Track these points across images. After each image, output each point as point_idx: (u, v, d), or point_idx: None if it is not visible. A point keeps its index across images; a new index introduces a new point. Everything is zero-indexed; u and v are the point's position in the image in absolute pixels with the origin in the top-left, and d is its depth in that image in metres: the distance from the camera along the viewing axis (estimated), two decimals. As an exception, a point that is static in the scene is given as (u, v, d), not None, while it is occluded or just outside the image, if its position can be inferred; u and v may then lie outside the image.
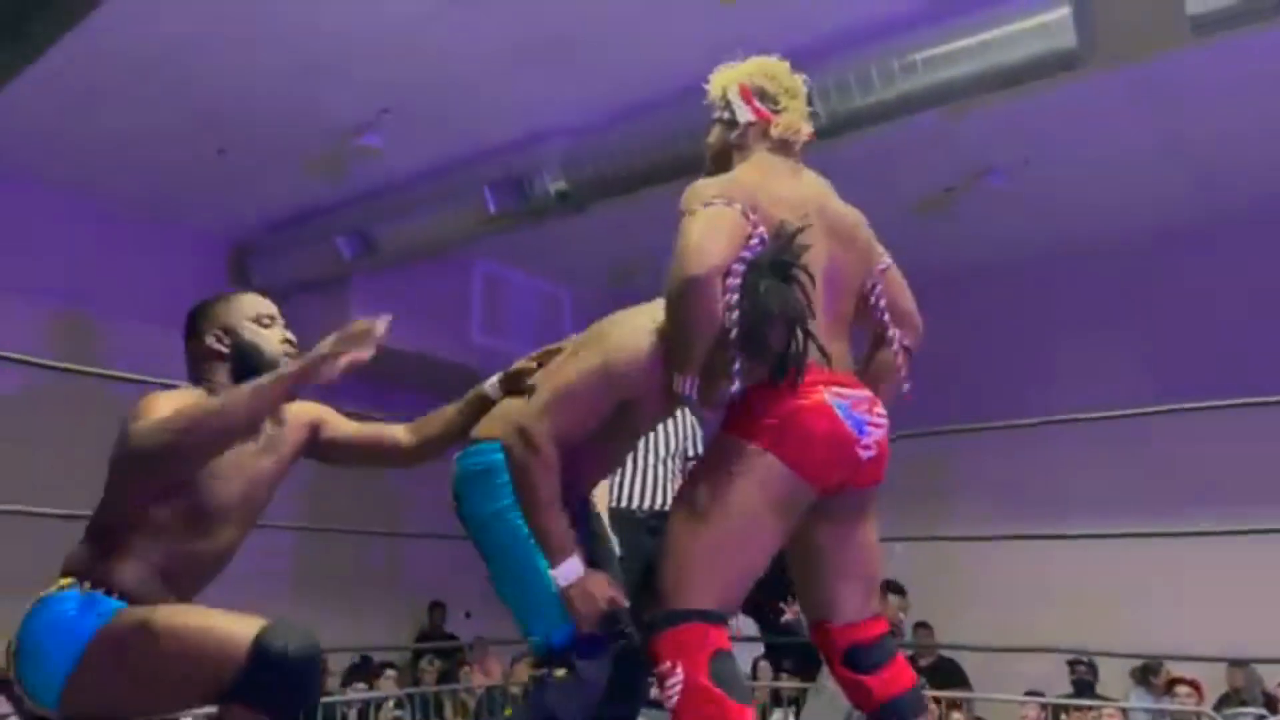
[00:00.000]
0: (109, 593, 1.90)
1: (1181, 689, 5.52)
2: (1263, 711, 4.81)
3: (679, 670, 1.93)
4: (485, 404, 2.20)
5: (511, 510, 1.99)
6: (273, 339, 2.09)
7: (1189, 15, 4.11)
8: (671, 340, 1.98)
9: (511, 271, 7.95)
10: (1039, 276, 7.46)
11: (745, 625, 6.17)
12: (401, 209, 6.37)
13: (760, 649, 6.19)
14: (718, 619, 2.00)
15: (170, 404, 1.87)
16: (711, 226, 1.97)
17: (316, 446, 2.21)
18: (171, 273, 7.20)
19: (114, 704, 1.87)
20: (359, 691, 5.95)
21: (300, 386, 1.85)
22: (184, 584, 2.00)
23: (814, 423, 2.01)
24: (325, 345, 1.84)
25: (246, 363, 2.03)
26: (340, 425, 2.25)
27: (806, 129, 2.36)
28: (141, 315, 6.89)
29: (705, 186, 2.11)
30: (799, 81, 2.38)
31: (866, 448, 2.08)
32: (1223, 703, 5.64)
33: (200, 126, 5.82)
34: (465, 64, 5.20)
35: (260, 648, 1.76)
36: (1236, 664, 5.62)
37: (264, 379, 1.85)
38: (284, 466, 2.13)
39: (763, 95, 2.33)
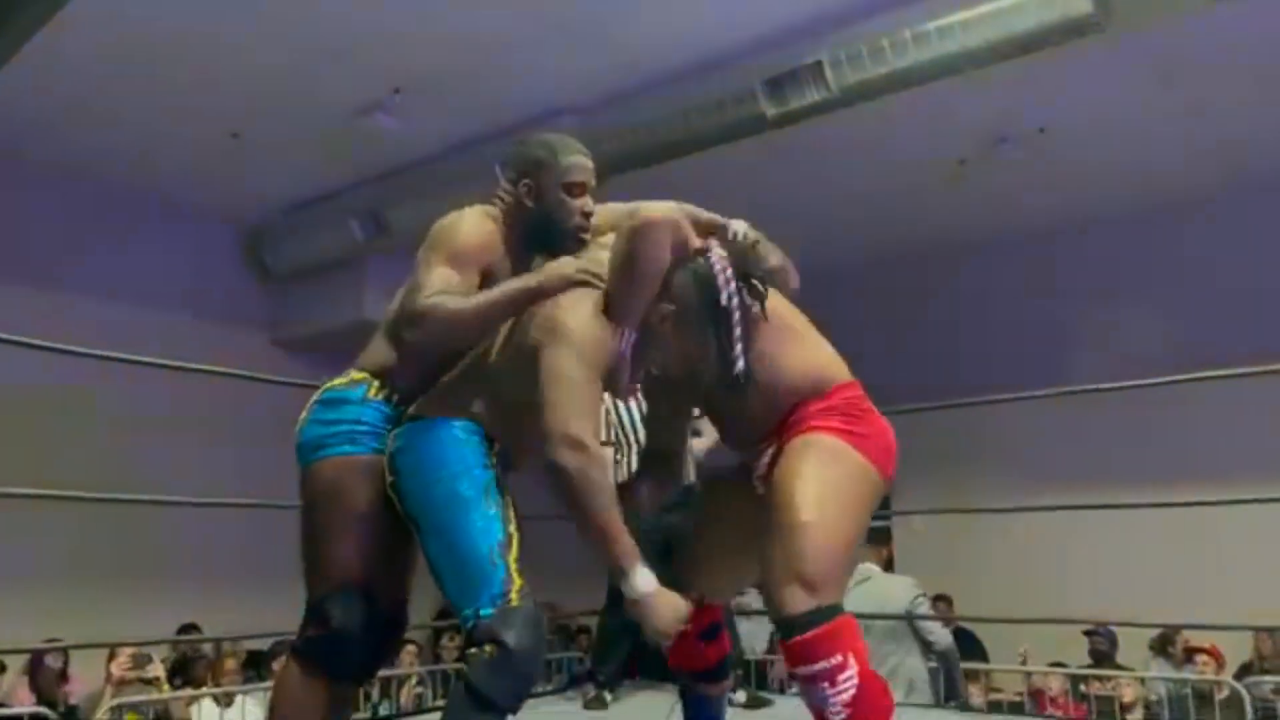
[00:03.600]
0: (390, 397, 2.11)
1: (1200, 657, 5.52)
2: (1284, 679, 4.81)
3: (853, 663, 1.88)
4: None
5: (451, 480, 1.94)
6: (572, 214, 2.16)
7: (1206, -22, 4.07)
8: (618, 293, 2.00)
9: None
10: (1054, 245, 7.42)
11: None
12: (414, 190, 6.37)
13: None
14: None
15: (462, 262, 2.03)
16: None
17: None
18: (185, 257, 7.23)
19: (301, 514, 2.12)
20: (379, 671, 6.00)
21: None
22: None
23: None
24: (569, 267, 2.00)
25: (537, 225, 2.16)
26: None
27: None
28: (156, 300, 6.93)
29: None
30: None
31: None
32: (1243, 672, 5.63)
33: (212, 109, 5.82)
34: (476, 43, 5.18)
35: (318, 603, 2.01)
36: (1261, 631, 5.61)
37: (521, 290, 1.99)
38: None
39: None
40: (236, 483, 6.47)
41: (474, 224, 2.11)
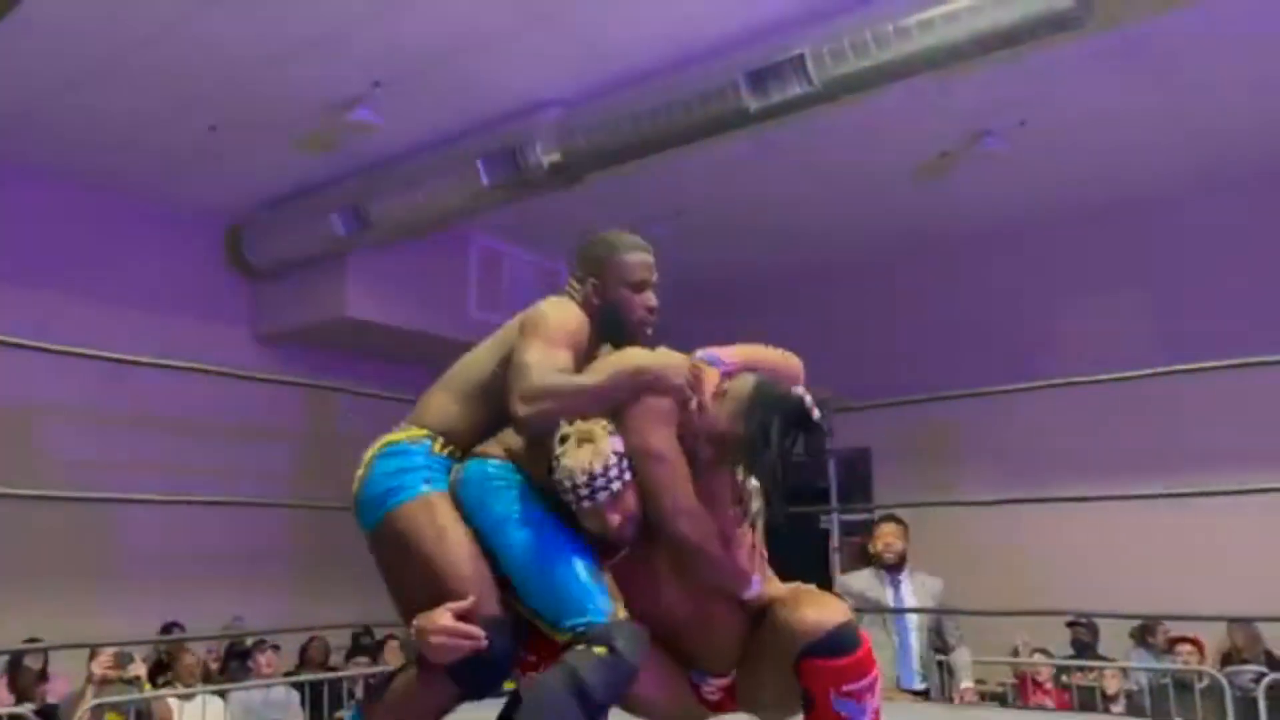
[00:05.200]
0: (453, 454, 2.18)
1: (1184, 647, 5.56)
2: (1263, 669, 4.85)
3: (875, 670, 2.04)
4: None
5: (525, 514, 2.07)
6: (636, 309, 2.29)
7: (1187, -28, 4.08)
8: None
9: (507, 245, 7.91)
10: (1037, 240, 7.44)
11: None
12: (396, 184, 6.34)
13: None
14: None
15: (562, 344, 2.11)
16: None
17: None
18: (165, 253, 7.18)
19: (388, 569, 2.18)
20: (362, 666, 5.98)
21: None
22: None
23: None
24: (681, 370, 2.05)
25: (606, 322, 2.28)
26: None
27: None
28: (138, 298, 6.87)
29: None
30: None
31: None
32: (1224, 661, 5.68)
33: (190, 103, 5.77)
34: (457, 36, 5.15)
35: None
36: (1237, 622, 5.66)
37: (630, 375, 2.06)
38: None
39: None
40: (219, 480, 6.45)
41: (570, 310, 2.24)
